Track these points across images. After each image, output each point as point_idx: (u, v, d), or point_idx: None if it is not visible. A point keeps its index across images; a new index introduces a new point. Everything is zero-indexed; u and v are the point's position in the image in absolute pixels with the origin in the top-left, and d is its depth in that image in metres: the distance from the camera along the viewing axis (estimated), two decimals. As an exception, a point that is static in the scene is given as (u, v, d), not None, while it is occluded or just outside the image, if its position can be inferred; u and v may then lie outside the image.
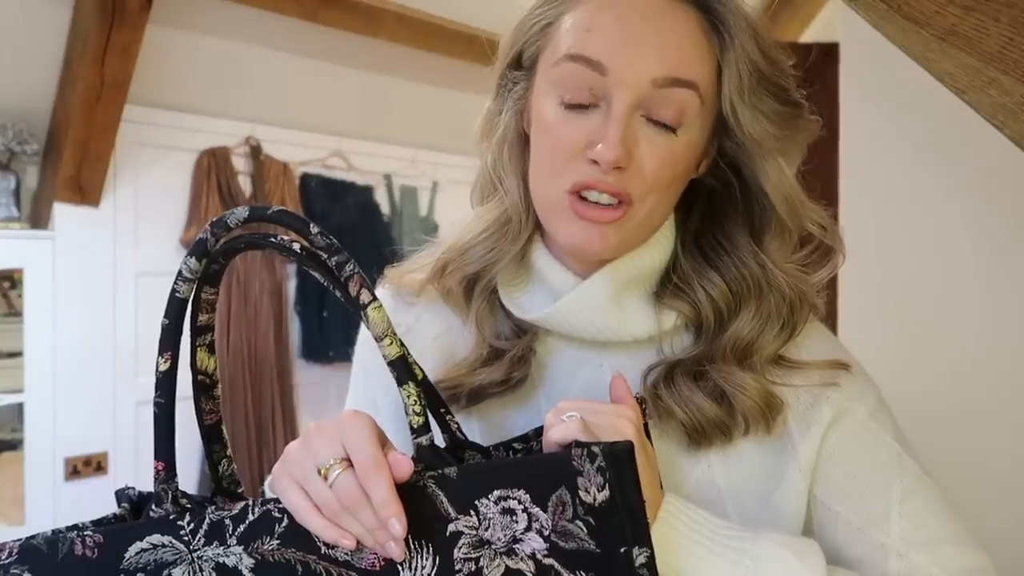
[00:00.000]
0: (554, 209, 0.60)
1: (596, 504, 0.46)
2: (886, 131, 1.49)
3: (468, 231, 0.68)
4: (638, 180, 0.57)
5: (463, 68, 2.67)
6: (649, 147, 0.57)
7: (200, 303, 0.52)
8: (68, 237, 2.29)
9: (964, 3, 0.60)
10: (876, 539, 0.58)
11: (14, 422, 2.38)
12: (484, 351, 0.65)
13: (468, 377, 0.64)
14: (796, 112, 0.61)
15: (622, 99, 0.56)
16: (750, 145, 0.60)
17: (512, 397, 0.65)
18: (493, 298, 0.67)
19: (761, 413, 0.59)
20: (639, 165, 0.57)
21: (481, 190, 0.70)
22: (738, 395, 0.59)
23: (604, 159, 0.55)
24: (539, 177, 0.62)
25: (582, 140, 0.57)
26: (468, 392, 0.64)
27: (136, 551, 0.47)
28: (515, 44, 0.63)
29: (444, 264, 0.69)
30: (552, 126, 0.59)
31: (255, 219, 0.48)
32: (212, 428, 0.55)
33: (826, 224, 0.64)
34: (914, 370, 1.40)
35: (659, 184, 0.59)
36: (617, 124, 0.56)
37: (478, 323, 0.67)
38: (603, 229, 0.58)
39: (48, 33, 2.06)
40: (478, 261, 0.66)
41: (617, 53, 0.56)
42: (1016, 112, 0.72)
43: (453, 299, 0.69)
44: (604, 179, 0.57)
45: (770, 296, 0.62)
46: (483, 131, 0.68)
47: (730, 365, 0.60)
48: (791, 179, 0.62)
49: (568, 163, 0.58)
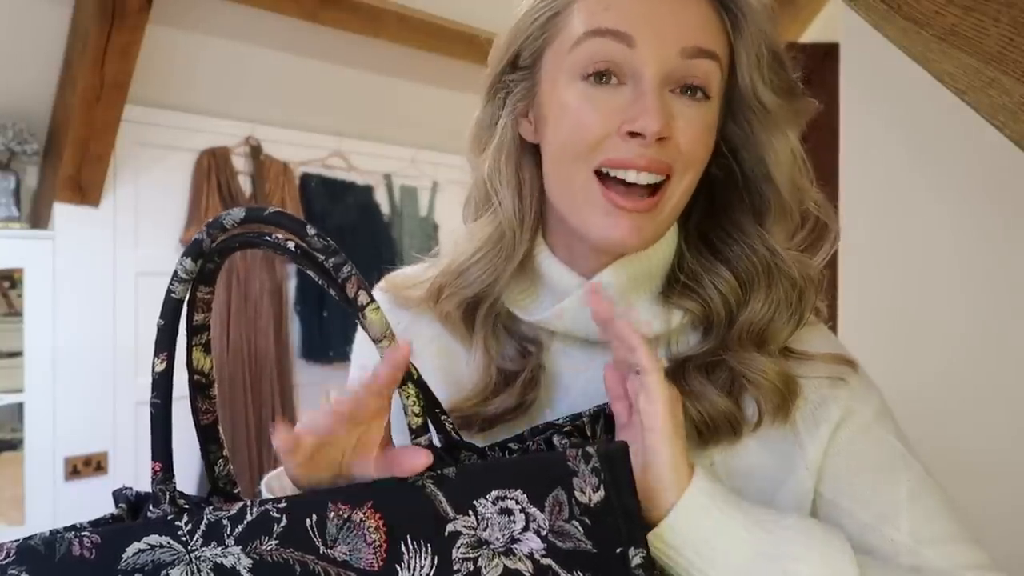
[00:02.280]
0: (583, 199, 0.59)
1: (592, 504, 0.46)
2: (886, 131, 1.49)
3: (461, 253, 0.66)
4: (676, 153, 0.57)
5: (463, 68, 2.67)
6: (683, 120, 0.57)
7: (196, 302, 0.52)
8: (68, 237, 2.30)
9: (964, 3, 0.60)
10: (886, 536, 0.57)
11: (14, 422, 2.38)
12: (492, 379, 0.64)
13: (480, 407, 0.63)
14: (798, 88, 0.62)
15: (653, 71, 0.56)
16: (763, 121, 0.61)
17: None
18: (496, 323, 0.66)
19: (781, 397, 0.59)
20: (677, 138, 0.57)
21: (474, 205, 0.68)
22: (759, 380, 0.59)
23: (649, 129, 0.54)
24: (559, 164, 0.60)
25: (612, 118, 0.56)
26: (481, 422, 0.63)
27: (134, 552, 0.47)
28: (512, 45, 0.63)
29: (440, 288, 0.67)
30: (576, 107, 0.58)
31: (252, 220, 0.48)
32: (208, 428, 0.55)
33: (819, 201, 0.64)
34: (914, 370, 1.40)
35: (695, 158, 0.58)
36: (653, 95, 0.55)
37: (483, 353, 0.65)
38: (637, 220, 0.57)
39: (48, 33, 2.06)
40: (475, 284, 0.65)
41: (643, 25, 0.56)
42: (1016, 112, 0.72)
43: (452, 323, 0.67)
44: (644, 153, 0.56)
45: (780, 282, 0.62)
46: (475, 142, 0.67)
47: (749, 351, 0.60)
48: (798, 150, 0.62)
49: (597, 144, 0.57)
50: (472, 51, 2.63)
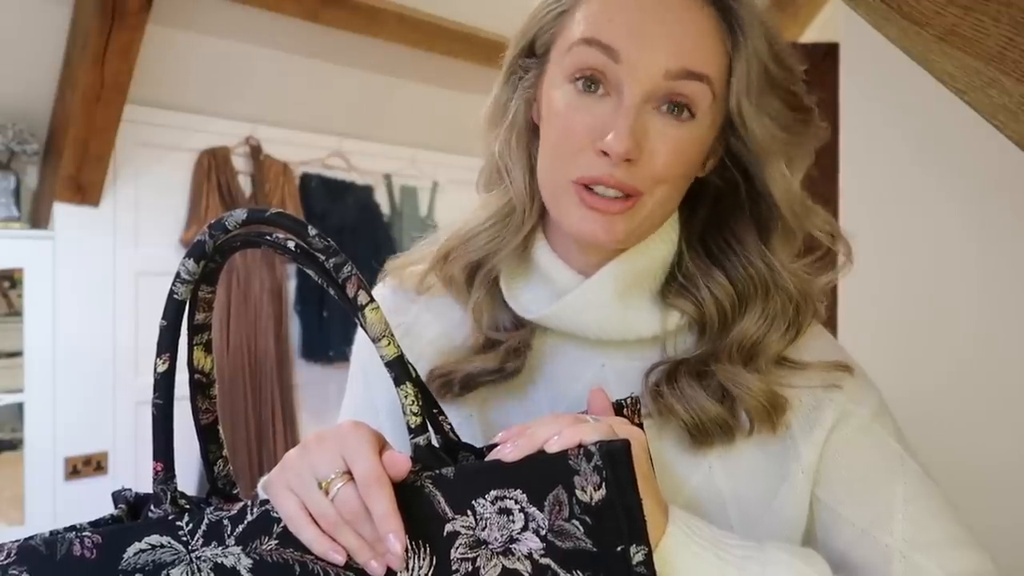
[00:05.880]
0: (561, 195, 0.60)
1: (593, 503, 0.46)
2: (886, 131, 1.49)
3: (472, 219, 0.68)
4: (647, 172, 0.57)
5: (463, 68, 2.67)
6: (660, 139, 0.57)
7: (197, 302, 0.52)
8: (68, 237, 2.30)
9: (964, 3, 0.60)
10: (879, 540, 0.58)
11: (14, 422, 2.38)
12: (480, 340, 0.65)
13: (462, 364, 0.64)
14: (804, 117, 0.61)
15: (633, 90, 0.56)
16: (755, 147, 0.60)
17: (511, 395, 0.65)
18: (494, 288, 0.67)
19: (766, 413, 0.59)
20: (649, 157, 0.57)
21: (487, 178, 0.69)
22: (744, 395, 0.59)
23: (614, 151, 0.55)
24: (546, 163, 0.61)
25: (593, 128, 0.57)
26: (461, 379, 0.63)
27: (135, 552, 0.47)
28: (529, 30, 0.63)
29: (447, 252, 0.68)
30: (563, 112, 0.59)
31: (253, 221, 0.48)
32: (208, 428, 0.55)
33: (834, 231, 0.64)
34: (913, 370, 1.40)
35: (668, 176, 0.58)
36: (628, 115, 0.56)
37: (475, 313, 0.67)
38: (610, 219, 0.58)
39: (48, 33, 2.06)
40: (481, 248, 0.66)
41: (631, 41, 0.56)
42: (1016, 112, 0.72)
43: (455, 286, 0.69)
44: (613, 172, 0.56)
45: (776, 296, 0.62)
46: (491, 118, 0.68)
47: (736, 365, 0.60)
48: (794, 184, 0.61)
49: (576, 153, 0.58)
50: (471, 51, 2.65)
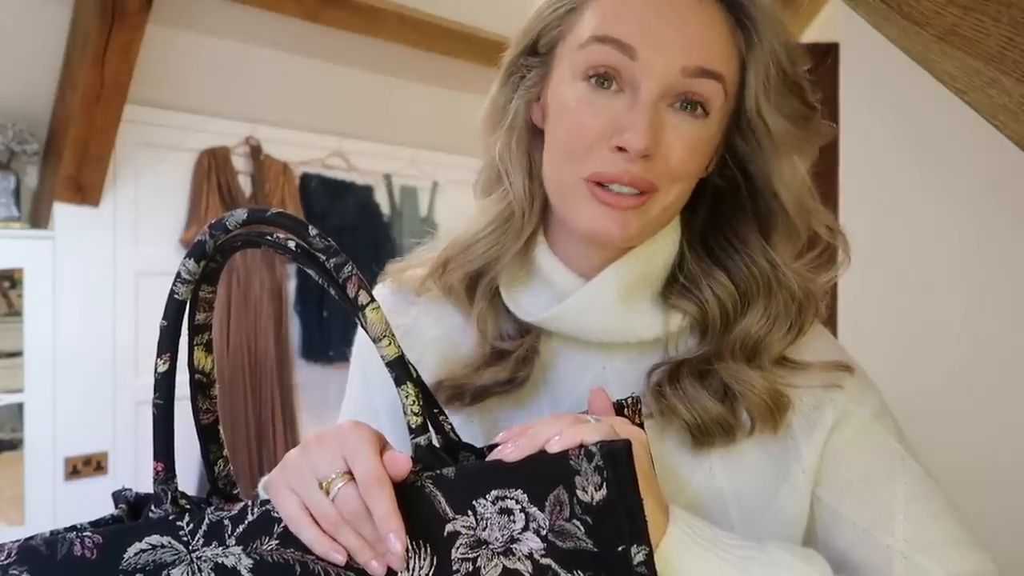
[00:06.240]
0: (571, 193, 0.59)
1: (594, 503, 0.46)
2: (886, 131, 1.49)
3: (470, 227, 0.67)
4: (663, 167, 0.57)
5: (463, 68, 2.67)
6: (675, 135, 0.57)
7: (198, 302, 0.52)
8: (68, 237, 2.30)
9: (964, 3, 0.60)
10: (880, 541, 0.58)
11: (14, 422, 2.38)
12: (487, 351, 0.65)
13: (472, 377, 0.63)
14: (812, 114, 0.61)
15: (650, 86, 0.56)
16: (768, 144, 0.60)
17: (514, 398, 0.65)
18: (496, 298, 0.67)
19: (769, 412, 0.59)
20: (665, 154, 0.57)
21: (485, 183, 0.69)
22: (747, 393, 0.59)
23: (633, 147, 0.55)
24: (554, 160, 0.61)
25: (607, 126, 0.57)
26: (473, 391, 0.63)
27: (135, 552, 0.47)
28: (532, 29, 0.63)
29: (446, 260, 0.68)
30: (574, 108, 0.58)
31: (254, 221, 0.48)
32: (209, 428, 0.55)
33: (833, 226, 0.64)
34: (914, 371, 1.40)
35: (682, 172, 0.58)
36: (645, 111, 0.55)
37: (480, 324, 0.66)
38: (624, 215, 0.57)
39: (48, 33, 2.06)
40: (480, 257, 0.65)
41: (648, 38, 0.56)
42: (1016, 112, 0.72)
43: (455, 296, 0.68)
44: (628, 168, 0.56)
45: (779, 295, 0.62)
46: (489, 120, 0.67)
47: (739, 363, 0.60)
48: (805, 178, 0.61)
49: (589, 150, 0.57)
50: (471, 51, 2.65)
